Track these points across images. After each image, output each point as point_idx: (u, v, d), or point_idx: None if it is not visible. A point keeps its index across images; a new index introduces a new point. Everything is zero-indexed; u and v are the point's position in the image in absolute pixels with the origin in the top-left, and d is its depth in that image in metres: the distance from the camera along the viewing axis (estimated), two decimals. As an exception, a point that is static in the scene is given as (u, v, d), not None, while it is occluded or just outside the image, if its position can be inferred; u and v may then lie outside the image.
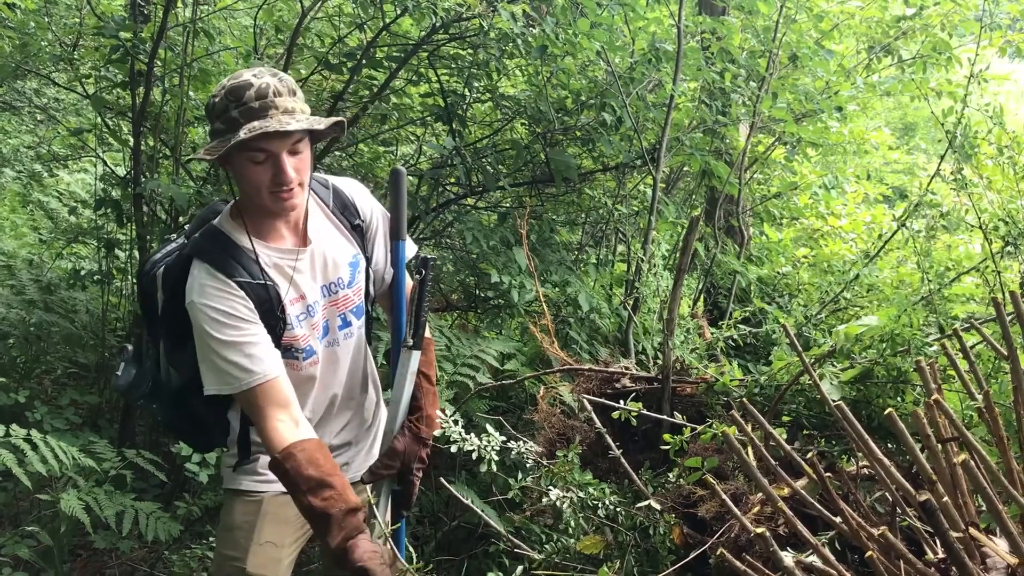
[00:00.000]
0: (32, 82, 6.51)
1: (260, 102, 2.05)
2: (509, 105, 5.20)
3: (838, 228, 6.21)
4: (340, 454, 2.47)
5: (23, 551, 4.05)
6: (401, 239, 2.40)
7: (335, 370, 2.39)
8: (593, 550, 2.65)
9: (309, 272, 2.28)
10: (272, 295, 2.18)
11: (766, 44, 5.24)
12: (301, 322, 2.25)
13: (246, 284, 2.15)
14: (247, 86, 2.06)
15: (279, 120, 2.04)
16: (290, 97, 2.10)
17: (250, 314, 2.14)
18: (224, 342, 2.11)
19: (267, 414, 2.13)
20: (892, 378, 2.88)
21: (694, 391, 3.35)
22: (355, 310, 2.39)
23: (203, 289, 2.12)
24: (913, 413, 1.74)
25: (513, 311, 4.91)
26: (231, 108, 2.06)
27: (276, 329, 2.20)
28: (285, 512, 2.36)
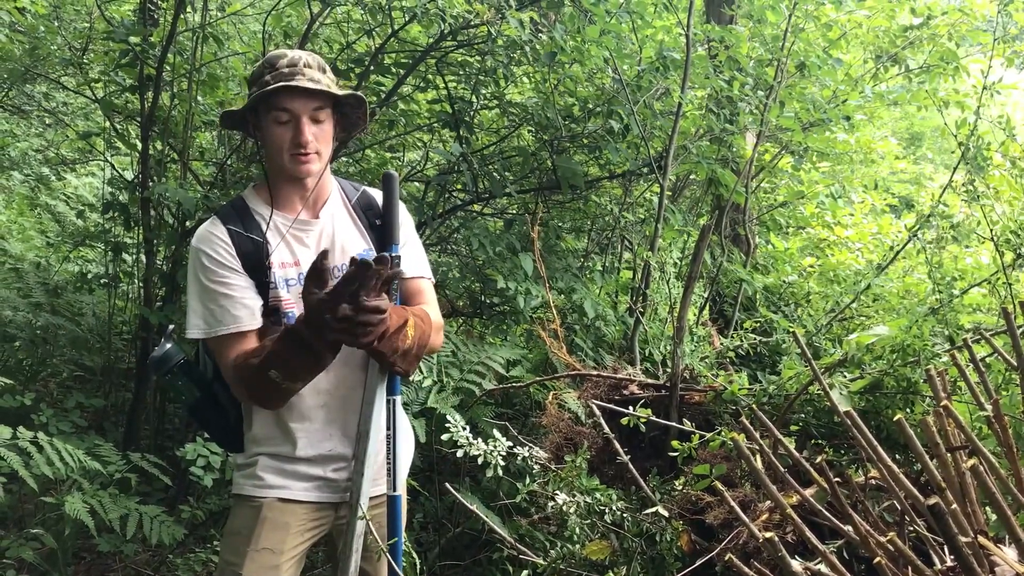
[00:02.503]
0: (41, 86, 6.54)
1: (291, 68, 2.23)
2: (516, 112, 5.21)
3: (844, 238, 6.20)
4: (340, 468, 2.41)
5: (27, 554, 4.05)
6: (395, 243, 2.40)
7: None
8: (599, 556, 2.64)
9: (315, 246, 2.36)
10: (259, 249, 2.30)
11: (774, 53, 5.25)
12: (289, 287, 2.32)
13: (235, 233, 2.29)
14: (282, 55, 2.25)
15: (302, 80, 2.20)
16: (320, 71, 2.27)
17: (233, 261, 2.27)
18: (204, 287, 2.27)
19: (231, 355, 2.27)
20: (902, 389, 2.87)
21: (702, 399, 3.34)
22: None
23: (200, 235, 2.30)
24: (922, 421, 1.73)
25: (519, 317, 4.91)
26: (265, 72, 2.25)
27: (261, 285, 2.31)
28: (285, 518, 2.35)
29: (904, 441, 2.45)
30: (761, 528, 2.03)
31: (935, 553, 1.85)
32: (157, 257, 4.80)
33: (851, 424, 1.83)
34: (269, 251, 2.31)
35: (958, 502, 1.73)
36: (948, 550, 1.53)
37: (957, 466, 1.78)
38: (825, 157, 6.13)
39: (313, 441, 2.38)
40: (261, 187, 2.41)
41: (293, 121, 2.24)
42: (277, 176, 2.37)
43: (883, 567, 1.59)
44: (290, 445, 2.37)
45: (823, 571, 1.80)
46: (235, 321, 2.27)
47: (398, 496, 2.47)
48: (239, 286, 2.28)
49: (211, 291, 2.26)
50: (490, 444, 3.00)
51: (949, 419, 1.79)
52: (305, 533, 2.42)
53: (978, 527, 1.73)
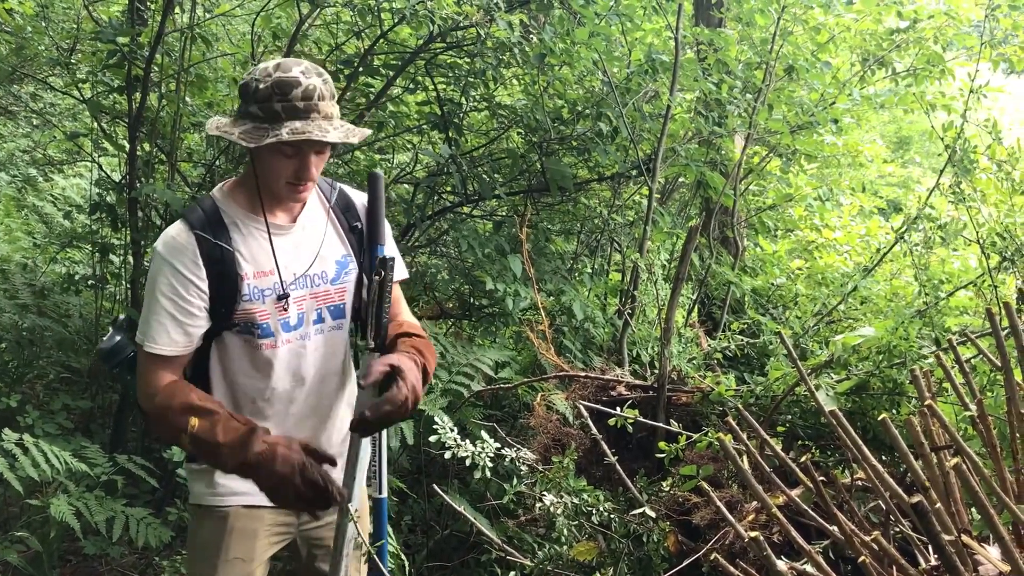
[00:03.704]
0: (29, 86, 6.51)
1: (305, 103, 2.10)
2: (505, 114, 5.21)
3: (832, 240, 6.23)
4: None
5: (12, 556, 4.03)
6: (380, 244, 2.38)
7: (299, 363, 2.33)
8: (587, 557, 2.64)
9: (291, 253, 2.28)
10: (228, 260, 2.20)
11: (763, 56, 5.27)
12: (265, 297, 2.23)
13: (205, 241, 2.18)
14: (295, 83, 2.10)
15: (320, 126, 2.09)
16: (331, 101, 2.16)
17: (195, 273, 2.16)
18: (159, 304, 2.17)
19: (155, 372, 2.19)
20: (888, 390, 2.88)
21: (690, 400, 3.35)
22: (332, 309, 2.36)
23: (165, 239, 2.19)
24: (907, 421, 1.74)
25: (508, 319, 4.91)
26: (275, 100, 2.10)
27: (230, 296, 2.21)
28: (252, 525, 2.33)
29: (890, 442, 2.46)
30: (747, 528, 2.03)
31: (920, 553, 1.85)
32: (144, 258, 4.78)
33: (837, 424, 1.84)
34: (241, 263, 2.21)
35: (942, 501, 1.73)
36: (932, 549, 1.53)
37: (941, 466, 1.79)
38: (813, 160, 6.15)
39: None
40: (235, 189, 2.29)
41: (300, 156, 2.15)
42: (262, 189, 2.25)
43: (868, 566, 1.60)
44: None
45: (809, 571, 1.80)
46: (170, 344, 2.18)
47: (383, 499, 2.47)
48: (189, 311, 2.18)
49: (161, 304, 2.17)
50: (478, 446, 3.01)
51: (934, 419, 1.79)
52: (272, 538, 2.39)
53: (962, 526, 1.74)
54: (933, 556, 1.79)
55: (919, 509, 1.38)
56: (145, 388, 2.20)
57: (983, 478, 1.72)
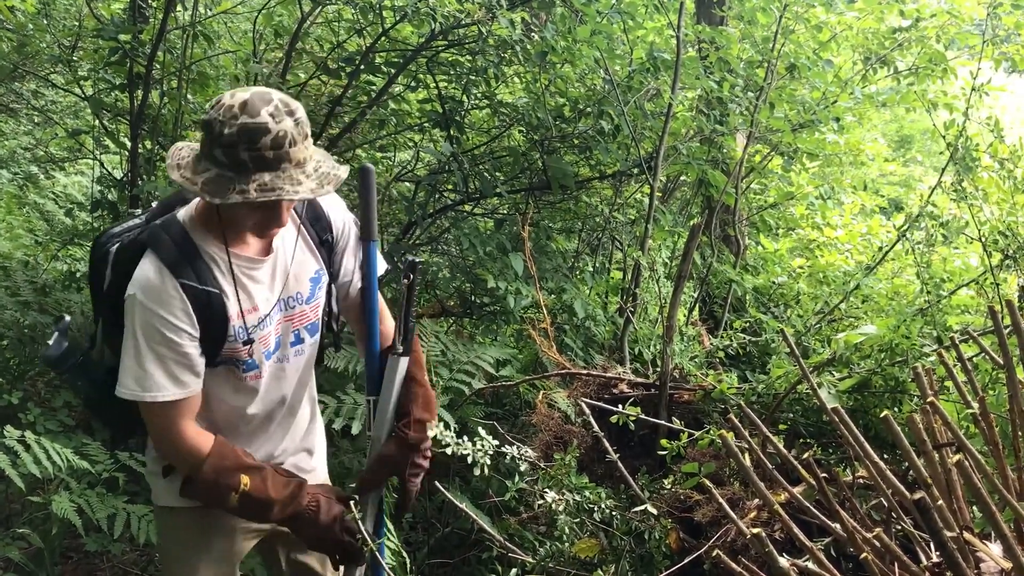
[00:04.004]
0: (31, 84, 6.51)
1: (275, 152, 1.93)
2: (507, 112, 5.21)
3: (834, 239, 6.22)
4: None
5: (14, 553, 4.03)
6: (372, 240, 2.34)
7: (280, 385, 2.31)
8: (588, 553, 2.64)
9: (268, 282, 2.19)
10: (216, 303, 2.08)
11: (764, 54, 5.26)
12: (249, 334, 2.15)
13: (190, 288, 2.04)
14: (264, 131, 1.91)
15: (292, 178, 1.95)
16: (303, 143, 1.98)
17: (186, 321, 2.04)
18: (152, 352, 2.03)
19: (172, 428, 2.09)
20: (890, 388, 2.88)
21: (691, 398, 3.35)
22: (310, 327, 2.31)
23: (146, 286, 2.02)
24: (909, 418, 1.74)
25: (509, 317, 4.91)
26: (241, 149, 1.91)
27: (218, 338, 2.12)
28: (230, 522, 2.32)
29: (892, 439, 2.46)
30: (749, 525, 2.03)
31: (922, 550, 1.86)
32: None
33: (838, 421, 1.84)
34: (227, 304, 2.10)
35: (944, 499, 1.73)
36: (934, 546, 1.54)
37: (943, 463, 1.79)
38: (815, 158, 6.15)
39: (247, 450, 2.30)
40: (204, 216, 2.12)
41: (268, 208, 2.02)
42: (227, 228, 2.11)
43: (870, 563, 1.60)
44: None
45: (811, 568, 1.80)
46: (180, 387, 2.07)
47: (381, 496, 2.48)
48: (187, 354, 2.07)
49: (156, 353, 2.03)
50: (477, 443, 3.01)
51: (936, 416, 1.79)
52: (247, 535, 2.40)
53: (964, 523, 1.74)
54: (935, 553, 1.79)
55: (921, 506, 1.38)
56: (180, 449, 2.11)
57: (985, 475, 1.72)
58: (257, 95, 1.94)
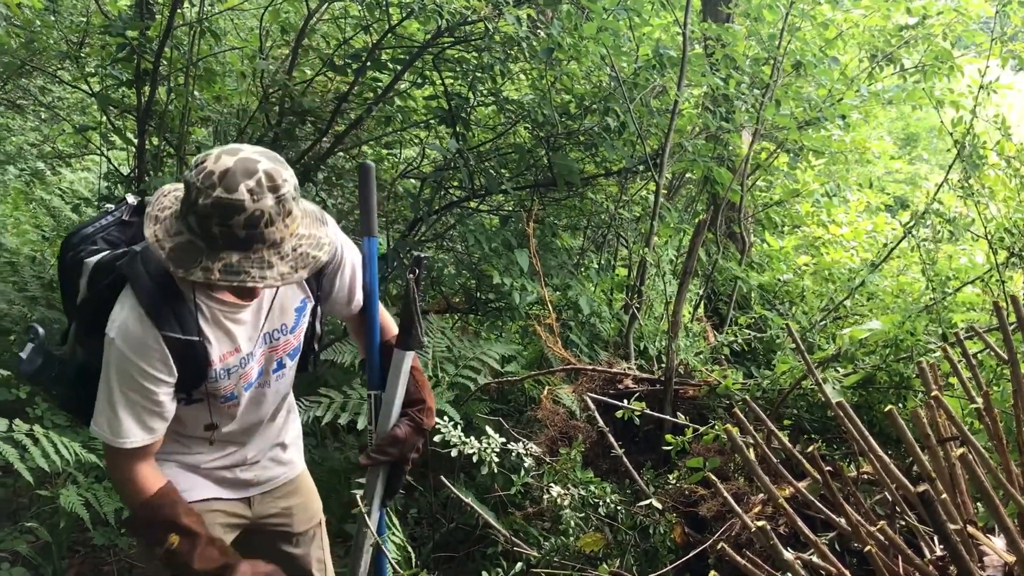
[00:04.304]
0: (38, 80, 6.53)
1: (247, 232, 1.82)
2: (513, 109, 5.22)
3: (839, 236, 6.22)
4: (247, 469, 2.40)
5: (22, 546, 4.05)
6: (372, 236, 2.34)
7: (259, 407, 2.32)
8: (593, 547, 2.65)
9: (252, 322, 2.16)
10: (199, 351, 2.05)
11: (771, 51, 5.26)
12: (230, 374, 2.15)
13: (173, 339, 2.00)
14: (238, 208, 1.80)
15: (261, 261, 1.85)
16: (283, 222, 1.86)
17: (164, 372, 2.02)
18: (126, 398, 2.01)
19: (131, 469, 2.09)
20: (894, 383, 2.88)
21: (696, 394, 3.35)
22: (292, 352, 2.31)
23: (126, 334, 1.97)
24: (913, 412, 1.75)
25: (514, 314, 4.92)
26: (213, 223, 1.81)
27: (197, 379, 2.10)
28: (208, 518, 2.31)
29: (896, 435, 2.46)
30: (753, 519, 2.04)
31: (926, 544, 1.86)
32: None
33: (843, 415, 1.85)
34: (208, 349, 2.07)
35: (948, 493, 1.74)
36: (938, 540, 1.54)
37: (947, 457, 1.80)
38: (820, 156, 6.15)
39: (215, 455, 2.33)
40: None
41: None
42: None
43: (874, 556, 1.61)
44: (193, 457, 2.30)
45: (815, 561, 1.81)
46: (147, 434, 2.06)
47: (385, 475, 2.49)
48: (160, 402, 2.05)
49: (129, 400, 2.01)
50: (483, 441, 3.02)
51: (940, 411, 1.80)
52: (226, 529, 2.40)
53: (967, 517, 1.74)
54: (939, 547, 1.80)
55: (925, 498, 1.39)
56: (128, 485, 2.10)
57: (989, 469, 1.73)
58: (241, 165, 1.82)
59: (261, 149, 1.91)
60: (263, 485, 2.44)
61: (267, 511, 2.47)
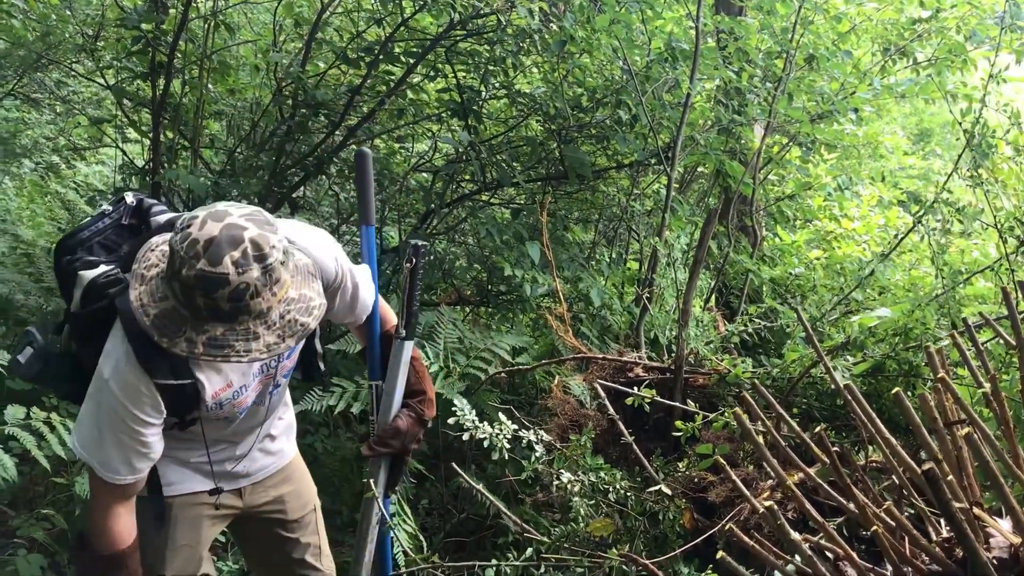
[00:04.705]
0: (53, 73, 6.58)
1: (232, 305, 1.77)
2: (525, 102, 5.23)
3: (851, 231, 6.20)
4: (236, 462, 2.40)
5: (38, 533, 4.10)
6: (369, 224, 2.33)
7: (252, 419, 2.33)
8: (603, 532, 2.67)
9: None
10: (190, 391, 2.04)
11: (783, 45, 5.25)
12: (223, 406, 2.14)
13: (166, 386, 1.98)
14: (222, 282, 1.74)
15: (247, 332, 1.81)
16: (269, 291, 1.82)
17: (153, 416, 2.01)
18: (115, 438, 2.00)
19: (111, 507, 2.08)
20: (903, 371, 2.89)
21: (706, 382, 3.37)
22: (287, 373, 2.32)
23: (120, 378, 1.95)
24: (921, 396, 1.76)
25: (525, 306, 4.93)
26: (197, 294, 1.76)
27: (189, 413, 2.10)
28: (196, 511, 2.34)
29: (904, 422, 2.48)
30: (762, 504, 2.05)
31: (933, 528, 1.87)
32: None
33: (851, 398, 1.86)
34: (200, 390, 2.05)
35: (955, 476, 1.75)
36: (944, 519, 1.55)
37: (954, 441, 1.80)
38: (833, 150, 6.13)
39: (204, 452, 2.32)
40: None
41: None
42: None
43: (880, 537, 1.62)
44: (182, 453, 2.29)
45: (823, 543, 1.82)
46: (134, 473, 2.05)
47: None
48: (152, 443, 2.04)
49: (119, 440, 2.00)
50: (495, 427, 3.04)
51: (947, 395, 1.81)
52: (215, 521, 2.42)
53: (974, 499, 1.75)
54: (945, 529, 1.81)
55: (930, 476, 1.40)
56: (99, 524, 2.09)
57: (995, 451, 1.74)
58: (227, 234, 1.76)
59: (249, 211, 1.84)
60: (253, 476, 2.45)
61: (259, 500, 2.48)
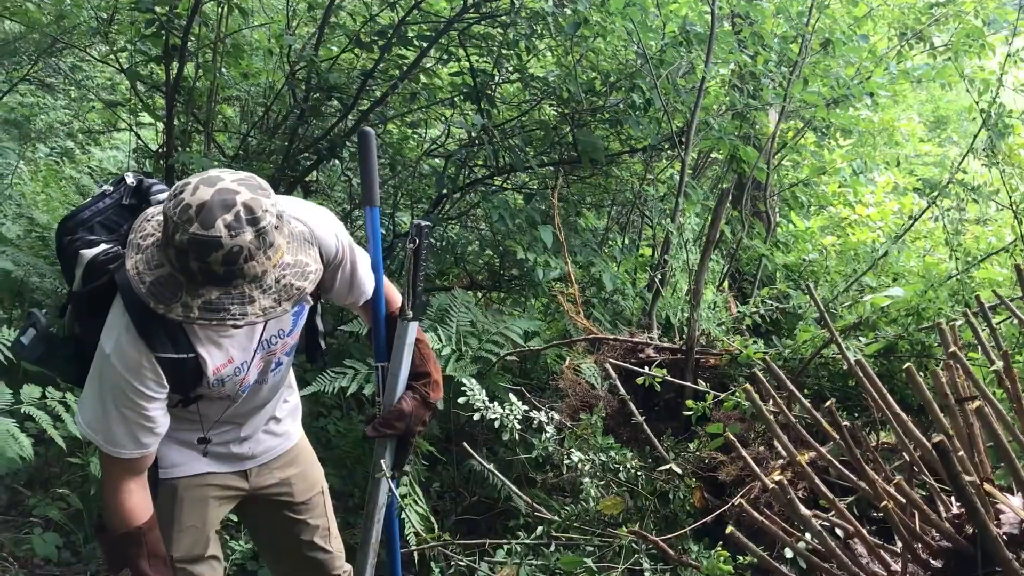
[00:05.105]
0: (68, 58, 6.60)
1: (226, 268, 1.78)
2: (538, 86, 5.22)
3: (866, 217, 6.16)
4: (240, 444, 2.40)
5: (54, 512, 4.14)
6: (373, 205, 2.31)
7: (255, 398, 2.32)
8: (613, 511, 2.67)
9: (246, 335, 2.14)
10: (191, 365, 2.04)
11: (799, 29, 5.22)
12: (225, 383, 2.15)
13: (167, 360, 1.99)
14: (215, 245, 1.75)
15: (242, 295, 1.82)
16: (264, 255, 1.82)
17: (156, 390, 2.02)
18: (119, 413, 2.01)
19: (122, 484, 2.08)
20: (916, 352, 2.87)
21: (718, 363, 3.36)
22: (289, 351, 2.31)
23: (121, 352, 1.96)
24: (933, 373, 1.75)
25: (537, 290, 4.94)
26: (191, 258, 1.77)
27: (191, 389, 2.11)
28: (202, 492, 2.34)
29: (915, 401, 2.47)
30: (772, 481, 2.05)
31: (943, 505, 1.87)
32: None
33: (862, 375, 1.85)
34: (202, 364, 2.06)
35: (966, 452, 1.74)
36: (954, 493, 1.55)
37: (966, 418, 1.80)
38: (848, 135, 6.09)
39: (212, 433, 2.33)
40: None
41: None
42: None
43: (890, 512, 1.62)
44: (185, 434, 2.30)
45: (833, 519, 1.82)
46: (140, 448, 2.05)
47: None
48: (152, 417, 2.04)
49: (122, 415, 2.01)
50: (506, 408, 3.04)
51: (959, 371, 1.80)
52: (222, 502, 2.42)
53: (985, 475, 1.75)
54: (955, 505, 1.80)
55: (940, 448, 1.39)
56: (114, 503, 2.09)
57: (1007, 426, 1.73)
58: (219, 198, 1.77)
59: (242, 176, 1.86)
60: (258, 458, 2.45)
61: (265, 482, 2.47)
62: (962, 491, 1.42)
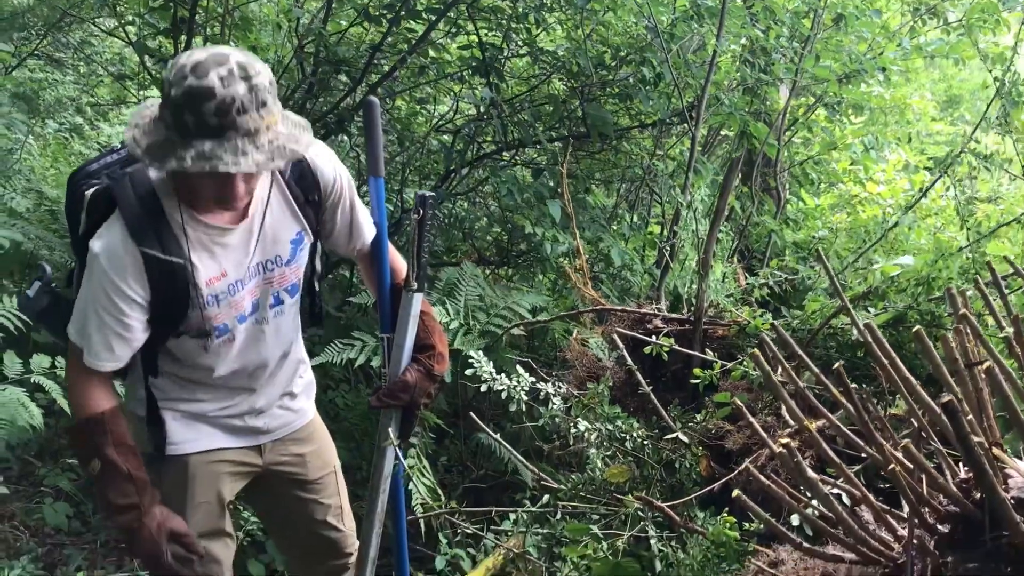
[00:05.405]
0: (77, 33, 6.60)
1: (219, 119, 1.81)
2: (547, 60, 5.19)
3: (876, 195, 6.12)
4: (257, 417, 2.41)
5: (64, 483, 4.18)
6: (379, 176, 2.29)
7: (258, 347, 2.29)
8: (619, 479, 2.67)
9: (241, 248, 2.14)
10: (179, 273, 2.03)
11: (811, 4, 5.17)
12: (219, 301, 2.12)
13: (153, 258, 1.99)
14: (208, 95, 1.79)
15: (235, 148, 1.83)
16: (257, 112, 1.85)
17: (139, 292, 2.01)
18: (98, 318, 2.02)
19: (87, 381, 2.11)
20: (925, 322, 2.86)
21: (726, 333, 3.35)
22: (290, 288, 2.28)
23: (109, 250, 1.99)
24: (943, 337, 1.74)
25: (545, 266, 4.92)
26: (185, 112, 1.82)
27: (180, 304, 2.08)
28: (215, 468, 2.34)
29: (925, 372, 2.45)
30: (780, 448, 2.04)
31: (951, 471, 1.86)
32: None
33: (871, 339, 1.84)
34: (192, 272, 2.05)
35: (975, 416, 1.73)
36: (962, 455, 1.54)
37: (975, 382, 1.79)
38: (860, 112, 6.04)
39: (224, 403, 2.33)
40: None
41: (219, 179, 1.92)
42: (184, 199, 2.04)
43: (897, 475, 1.61)
44: (198, 404, 2.31)
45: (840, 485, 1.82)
46: (113, 361, 2.08)
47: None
48: (130, 325, 2.04)
49: (102, 319, 2.01)
50: (513, 379, 3.04)
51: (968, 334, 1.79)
52: (235, 478, 2.42)
53: (994, 439, 1.74)
54: (963, 470, 1.79)
55: (949, 408, 1.38)
56: (78, 396, 2.13)
57: (1017, 390, 1.72)
58: (213, 56, 1.83)
59: (239, 49, 1.92)
60: (274, 433, 2.44)
61: (278, 459, 2.47)
62: (971, 452, 1.41)
